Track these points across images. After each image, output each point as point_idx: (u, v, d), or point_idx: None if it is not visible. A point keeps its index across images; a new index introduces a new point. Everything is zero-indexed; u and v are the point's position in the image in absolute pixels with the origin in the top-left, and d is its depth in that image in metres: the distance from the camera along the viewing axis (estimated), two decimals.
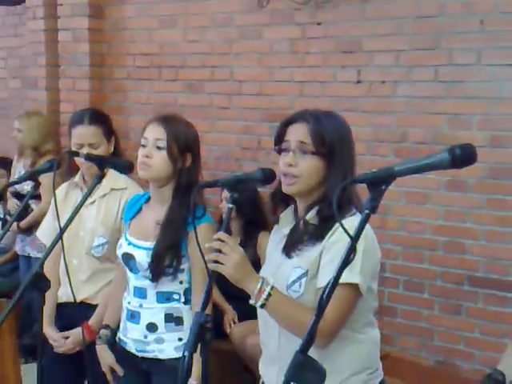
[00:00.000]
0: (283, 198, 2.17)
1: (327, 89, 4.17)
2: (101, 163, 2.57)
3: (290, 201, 2.16)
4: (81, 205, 2.34)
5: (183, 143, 2.54)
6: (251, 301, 1.96)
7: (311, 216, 2.07)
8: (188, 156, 2.56)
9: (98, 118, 3.06)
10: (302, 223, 2.08)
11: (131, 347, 2.62)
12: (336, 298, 1.64)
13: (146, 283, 2.55)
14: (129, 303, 2.62)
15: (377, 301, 2.13)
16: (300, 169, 2.04)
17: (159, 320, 2.56)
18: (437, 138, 3.76)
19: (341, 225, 1.48)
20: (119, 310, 2.69)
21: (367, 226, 1.94)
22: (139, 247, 2.57)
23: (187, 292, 2.58)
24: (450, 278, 3.82)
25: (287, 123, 2.12)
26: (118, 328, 2.69)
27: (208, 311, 1.86)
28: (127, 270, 2.62)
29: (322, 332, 1.58)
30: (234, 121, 4.63)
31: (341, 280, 1.52)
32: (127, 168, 2.70)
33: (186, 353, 1.76)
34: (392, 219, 3.93)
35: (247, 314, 4.03)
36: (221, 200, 4.17)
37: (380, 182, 1.48)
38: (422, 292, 3.92)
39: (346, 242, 1.48)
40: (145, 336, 2.58)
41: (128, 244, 2.60)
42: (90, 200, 2.94)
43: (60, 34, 5.31)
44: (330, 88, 4.15)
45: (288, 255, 2.09)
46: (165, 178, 2.55)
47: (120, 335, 2.68)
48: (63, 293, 2.93)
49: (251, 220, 4.23)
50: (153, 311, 2.57)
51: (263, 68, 4.46)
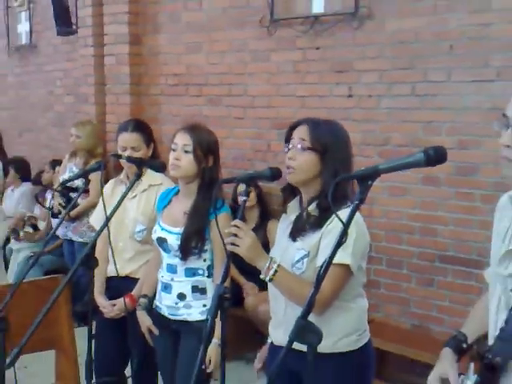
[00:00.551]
0: (291, 192, 2.17)
1: (324, 102, 4.16)
2: (139, 164, 2.58)
3: (297, 193, 2.16)
4: (123, 197, 2.34)
5: (206, 147, 2.54)
6: (261, 276, 1.96)
7: (312, 208, 2.07)
8: (210, 158, 2.56)
9: (140, 127, 3.05)
10: (305, 214, 2.08)
11: (165, 312, 2.63)
12: (331, 275, 1.64)
13: (177, 261, 2.56)
14: (162, 277, 2.63)
15: (365, 277, 2.12)
16: (298, 162, 2.04)
17: (187, 290, 2.57)
18: (414, 142, 3.75)
19: (335, 214, 1.48)
20: (155, 283, 2.70)
21: (358, 216, 1.95)
22: (170, 232, 2.57)
23: (210, 268, 2.58)
24: (425, 257, 3.81)
25: (293, 127, 2.11)
26: (154, 297, 2.70)
27: (226, 284, 1.87)
28: (161, 251, 2.63)
29: (319, 302, 1.58)
30: (248, 128, 4.63)
31: (335, 260, 1.52)
32: (161, 168, 2.72)
33: (209, 317, 1.77)
34: (377, 209, 3.92)
35: (259, 287, 4.07)
36: (235, 193, 4.18)
37: (367, 178, 1.47)
38: (401, 268, 3.92)
39: (340, 229, 1.48)
40: (176, 303, 2.58)
41: (161, 230, 2.61)
42: (133, 194, 2.94)
43: (106, 59, 5.33)
44: (327, 101, 4.15)
45: (293, 239, 2.08)
46: (191, 176, 2.55)
47: (156, 303, 2.68)
48: (111, 269, 2.94)
49: (263, 210, 4.27)
50: (182, 284, 2.57)
51: (271, 85, 4.45)
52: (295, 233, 2.08)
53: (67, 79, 6.12)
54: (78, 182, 4.47)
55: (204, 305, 2.54)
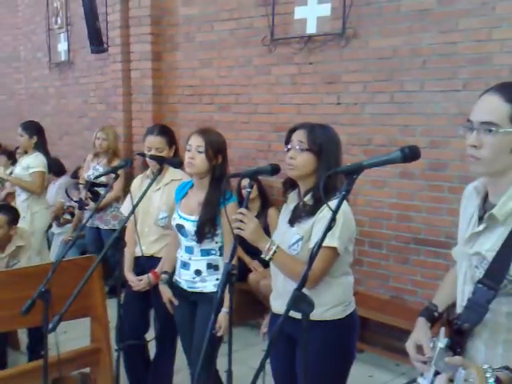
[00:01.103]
0: (291, 184, 2.16)
1: (316, 109, 4.14)
2: (160, 161, 2.58)
3: (296, 186, 2.15)
4: (147, 189, 2.36)
5: (216, 148, 2.53)
6: (262, 255, 1.96)
7: (308, 199, 2.06)
8: (219, 157, 2.55)
9: (164, 131, 3.02)
10: (302, 204, 2.08)
11: (184, 285, 2.62)
12: (321, 256, 1.64)
13: (193, 244, 2.55)
14: (181, 256, 2.62)
15: (352, 257, 2.11)
16: (298, 161, 2.03)
17: (203, 267, 2.56)
18: (392, 143, 3.74)
19: (325, 203, 1.47)
20: (174, 261, 2.70)
21: (346, 205, 1.94)
22: (187, 220, 2.56)
23: (221, 248, 2.57)
24: (401, 239, 3.81)
25: (292, 130, 2.10)
26: (174, 273, 2.70)
27: (234, 262, 1.86)
28: (179, 235, 2.62)
29: (311, 278, 1.57)
30: (252, 131, 4.62)
31: (324, 244, 1.52)
32: (178, 164, 2.72)
33: (219, 290, 1.77)
34: (361, 198, 3.91)
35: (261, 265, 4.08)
36: (239, 186, 4.16)
37: (353, 173, 1.47)
38: (381, 249, 3.91)
39: (329, 217, 1.47)
40: (193, 278, 2.58)
41: (179, 218, 2.60)
42: (157, 187, 2.94)
43: (132, 73, 5.30)
44: (319, 108, 4.13)
45: (291, 225, 2.08)
46: (204, 172, 2.54)
47: (176, 277, 2.68)
48: (138, 250, 2.94)
49: (263, 201, 4.28)
50: (198, 262, 2.57)
51: (272, 95, 4.43)
52: (293, 220, 2.08)
53: (99, 90, 6.11)
54: (102, 178, 4.45)
55: (217, 279, 2.53)
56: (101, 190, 4.61)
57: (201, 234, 2.51)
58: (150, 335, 2.97)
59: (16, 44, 7.65)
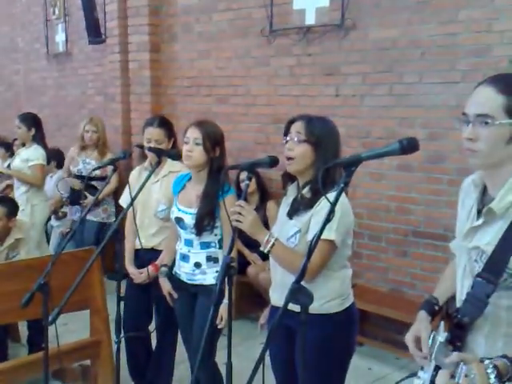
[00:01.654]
0: (290, 178, 2.15)
1: (315, 100, 4.13)
2: (159, 153, 2.57)
3: (295, 179, 2.14)
4: (145, 181, 2.35)
5: (213, 140, 2.52)
6: (261, 248, 1.96)
7: (306, 191, 2.06)
8: (217, 149, 2.54)
9: (164, 123, 3.00)
10: (300, 197, 2.07)
11: (183, 278, 2.63)
12: (319, 249, 1.64)
13: (193, 236, 2.56)
14: (181, 249, 2.62)
15: (350, 250, 2.11)
16: (295, 152, 2.02)
17: (202, 260, 2.57)
18: (391, 135, 3.72)
19: (324, 195, 1.47)
20: (173, 254, 2.70)
21: (344, 199, 1.93)
22: (186, 212, 2.56)
23: (220, 241, 2.57)
24: (400, 232, 3.81)
25: (291, 122, 2.09)
26: (174, 265, 2.70)
27: (233, 254, 1.86)
28: (178, 228, 2.62)
29: (309, 271, 1.57)
30: (250, 123, 4.60)
31: (322, 236, 1.52)
32: (176, 156, 2.71)
33: (217, 283, 1.77)
34: (359, 191, 3.91)
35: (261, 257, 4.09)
36: (237, 179, 4.16)
37: (351, 165, 1.46)
38: (380, 242, 3.92)
39: (327, 210, 1.47)
40: (193, 270, 2.59)
41: (178, 210, 2.60)
42: (156, 179, 2.93)
43: (130, 64, 5.28)
44: (317, 100, 4.12)
45: (290, 217, 2.08)
46: (202, 165, 2.54)
47: (175, 270, 2.68)
48: (138, 242, 2.95)
49: (262, 194, 4.28)
50: (198, 255, 2.57)
51: (270, 86, 4.42)
52: (291, 212, 2.08)
53: (97, 81, 6.08)
54: (96, 172, 4.41)
55: (217, 271, 2.53)
56: (97, 184, 4.58)
57: (200, 227, 2.50)
58: (153, 327, 2.98)
59: (14, 35, 7.59)
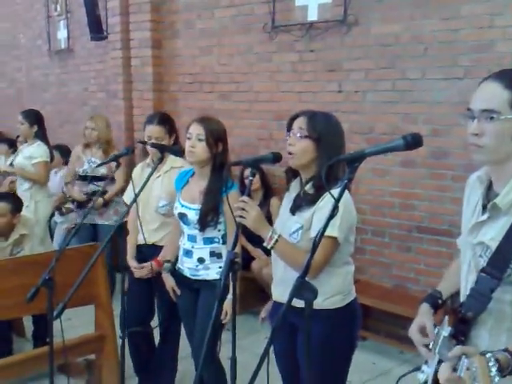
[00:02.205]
0: (293, 174, 2.16)
1: (318, 97, 4.13)
2: (161, 149, 2.58)
3: (298, 175, 2.15)
4: (148, 178, 2.36)
5: (216, 136, 2.52)
6: (264, 244, 1.97)
7: (308, 188, 2.06)
8: (220, 145, 2.55)
9: (164, 120, 3.01)
10: (303, 193, 2.08)
11: (186, 273, 2.64)
12: (322, 246, 1.65)
13: (196, 232, 2.56)
14: (184, 244, 2.63)
15: (353, 247, 2.11)
16: (297, 148, 2.02)
17: (206, 255, 2.58)
18: (394, 131, 3.73)
19: (328, 191, 1.47)
20: (176, 249, 2.71)
21: (347, 196, 1.94)
22: (189, 208, 2.57)
23: (224, 236, 2.58)
24: (403, 228, 3.82)
25: (294, 118, 2.09)
26: (177, 261, 2.71)
27: (237, 250, 1.87)
28: (182, 224, 2.63)
29: (313, 267, 1.58)
30: (253, 120, 4.61)
31: (325, 233, 1.52)
32: (179, 152, 2.71)
33: (222, 278, 1.78)
34: (363, 187, 3.91)
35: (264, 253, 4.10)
36: (241, 176, 4.17)
37: (354, 161, 1.46)
38: (384, 237, 3.93)
39: (330, 207, 1.47)
40: (196, 265, 2.59)
41: (181, 206, 2.61)
42: (157, 175, 2.94)
43: (132, 60, 5.28)
44: (320, 96, 4.12)
45: (292, 213, 2.08)
46: (204, 161, 2.54)
47: (178, 265, 2.69)
48: (140, 238, 2.96)
49: (266, 191, 4.29)
50: (201, 250, 2.58)
51: (273, 82, 4.42)
52: (294, 208, 2.08)
53: (99, 78, 6.09)
54: (102, 170, 4.39)
55: (220, 266, 2.54)
56: (101, 184, 4.44)
57: (204, 223, 2.51)
58: (156, 322, 3.00)
59: (16, 32, 7.61)
